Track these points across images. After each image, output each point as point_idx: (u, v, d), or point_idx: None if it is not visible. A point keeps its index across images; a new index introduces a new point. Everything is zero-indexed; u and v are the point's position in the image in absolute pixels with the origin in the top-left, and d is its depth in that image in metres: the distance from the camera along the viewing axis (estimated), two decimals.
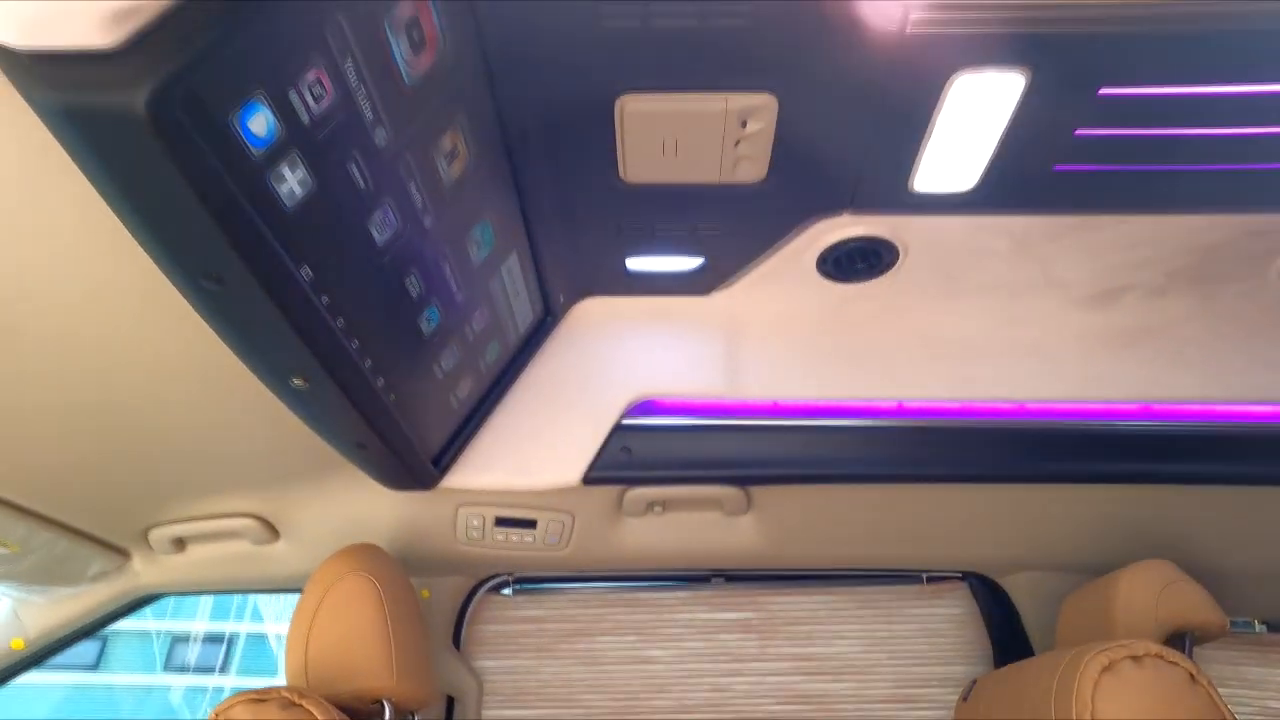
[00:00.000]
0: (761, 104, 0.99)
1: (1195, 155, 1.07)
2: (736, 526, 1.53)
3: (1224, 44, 0.91)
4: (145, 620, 9.18)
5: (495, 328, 1.26)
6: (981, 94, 0.97)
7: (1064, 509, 1.48)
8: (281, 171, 0.71)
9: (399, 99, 0.81)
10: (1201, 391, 1.36)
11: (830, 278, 1.34)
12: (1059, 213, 1.19)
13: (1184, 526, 1.47)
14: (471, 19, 0.86)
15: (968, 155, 1.07)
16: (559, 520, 1.47)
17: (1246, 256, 1.27)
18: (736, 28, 0.88)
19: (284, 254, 0.76)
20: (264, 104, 0.66)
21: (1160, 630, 1.28)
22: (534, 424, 1.38)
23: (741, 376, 1.39)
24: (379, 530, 1.46)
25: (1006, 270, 1.32)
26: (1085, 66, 0.94)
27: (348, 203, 0.82)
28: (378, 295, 0.94)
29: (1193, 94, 0.98)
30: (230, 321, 0.83)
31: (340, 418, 1.03)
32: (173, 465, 1.32)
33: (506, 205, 1.12)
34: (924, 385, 1.38)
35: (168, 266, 0.75)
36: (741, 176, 1.11)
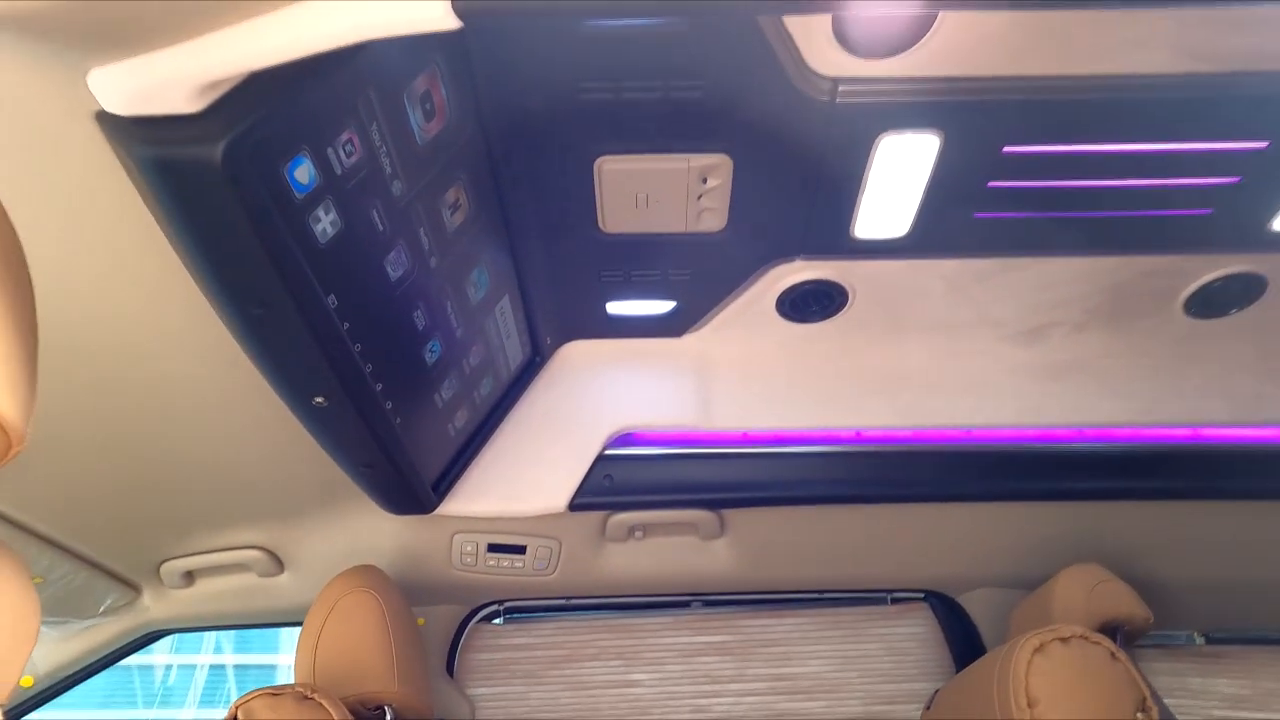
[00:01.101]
0: (718, 163, 1.16)
1: (1093, 204, 1.25)
2: (712, 550, 1.64)
3: (1103, 110, 1.09)
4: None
5: (489, 364, 1.40)
6: (904, 152, 1.15)
7: (1011, 527, 1.61)
8: (318, 213, 0.87)
9: (412, 157, 0.98)
10: (1124, 417, 1.51)
11: (789, 318, 1.49)
12: (984, 256, 1.36)
13: (1119, 540, 1.60)
14: (473, 93, 1.03)
15: (898, 205, 1.24)
16: (547, 546, 1.59)
17: (1151, 294, 1.44)
18: (694, 99, 1.06)
19: (316, 283, 0.91)
20: (308, 157, 0.82)
21: (1091, 624, 1.39)
22: (524, 455, 1.51)
23: (712, 409, 1.53)
24: (379, 559, 1.57)
25: (944, 310, 1.48)
26: (987, 129, 1.12)
27: (369, 242, 0.97)
28: (390, 325, 1.08)
29: (1082, 151, 1.17)
30: (268, 343, 0.97)
31: (353, 437, 1.16)
32: (189, 499, 1.43)
33: (500, 253, 1.28)
34: (877, 415, 1.53)
35: (220, 294, 0.89)
36: (705, 226, 1.28)
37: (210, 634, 9.04)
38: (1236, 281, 1.39)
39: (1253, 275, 1.37)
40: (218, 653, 9.00)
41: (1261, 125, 1.11)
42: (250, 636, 9.21)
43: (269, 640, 9.23)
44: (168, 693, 8.91)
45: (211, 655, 8.97)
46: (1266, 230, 1.26)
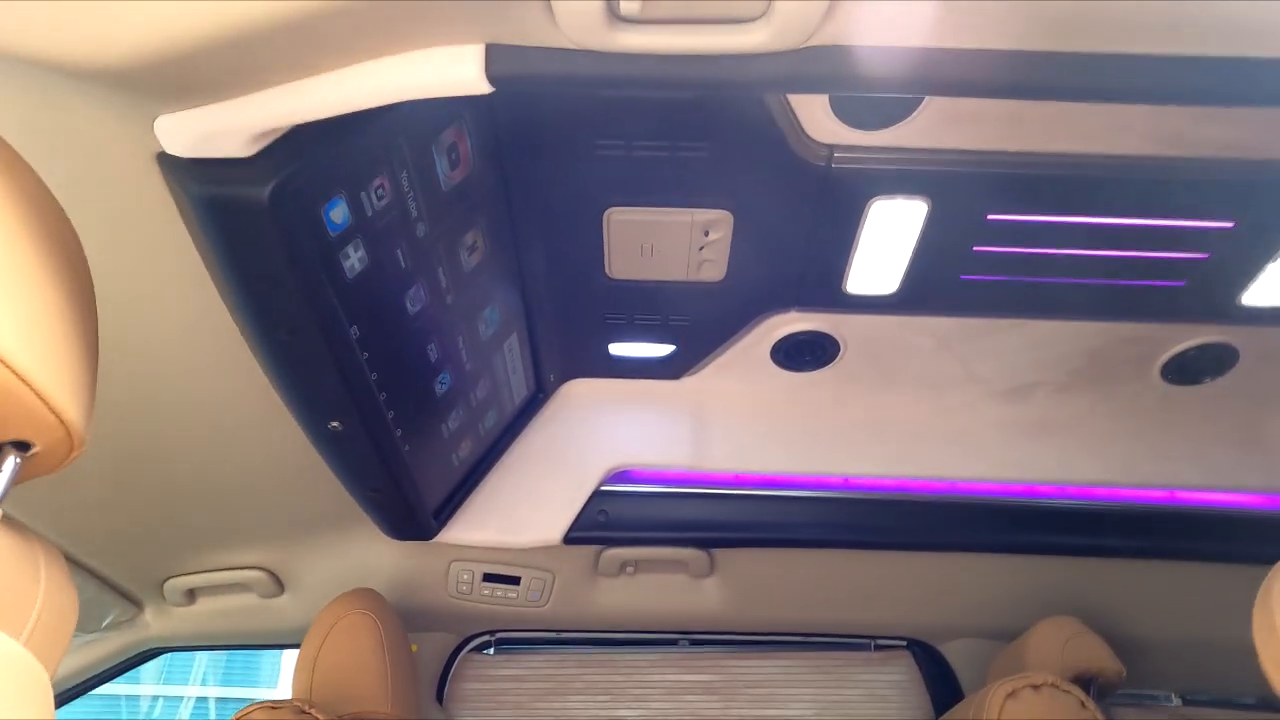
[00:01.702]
0: (720, 218, 1.24)
1: (1073, 271, 1.32)
2: (701, 589, 1.68)
3: (1082, 185, 1.17)
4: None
5: (495, 398, 1.46)
6: (894, 216, 1.23)
7: (992, 579, 1.65)
8: (348, 250, 0.94)
9: (436, 202, 1.05)
10: (1102, 476, 1.56)
11: (783, 367, 1.56)
12: (970, 315, 1.43)
13: (1097, 596, 1.64)
14: (496, 145, 1.12)
15: (888, 264, 1.32)
16: (541, 578, 1.63)
17: (1130, 359, 1.51)
18: (699, 159, 1.14)
19: (341, 314, 0.98)
20: (343, 199, 0.90)
21: (1065, 674, 1.42)
22: (523, 488, 1.56)
23: (707, 450, 1.59)
24: (378, 584, 1.61)
25: (932, 365, 1.55)
26: (972, 197, 1.20)
27: (392, 278, 1.04)
28: (405, 356, 1.15)
29: (1062, 222, 1.24)
30: (292, 367, 1.03)
31: (363, 461, 1.21)
32: (195, 518, 1.48)
33: (512, 293, 1.35)
34: (865, 463, 1.58)
35: (252, 319, 0.96)
36: (705, 276, 1.35)
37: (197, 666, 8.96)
38: (1209, 351, 1.45)
39: (1225, 346, 1.44)
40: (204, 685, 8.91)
41: (1227, 207, 1.19)
42: (235, 670, 9.10)
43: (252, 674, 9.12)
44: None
45: (198, 687, 8.87)
46: (1235, 304, 1.33)
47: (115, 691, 8.74)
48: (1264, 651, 0.71)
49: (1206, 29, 0.70)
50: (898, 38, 0.71)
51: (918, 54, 0.73)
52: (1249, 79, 0.73)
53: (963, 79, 0.75)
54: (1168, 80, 0.74)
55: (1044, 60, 0.73)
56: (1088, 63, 0.73)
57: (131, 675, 8.70)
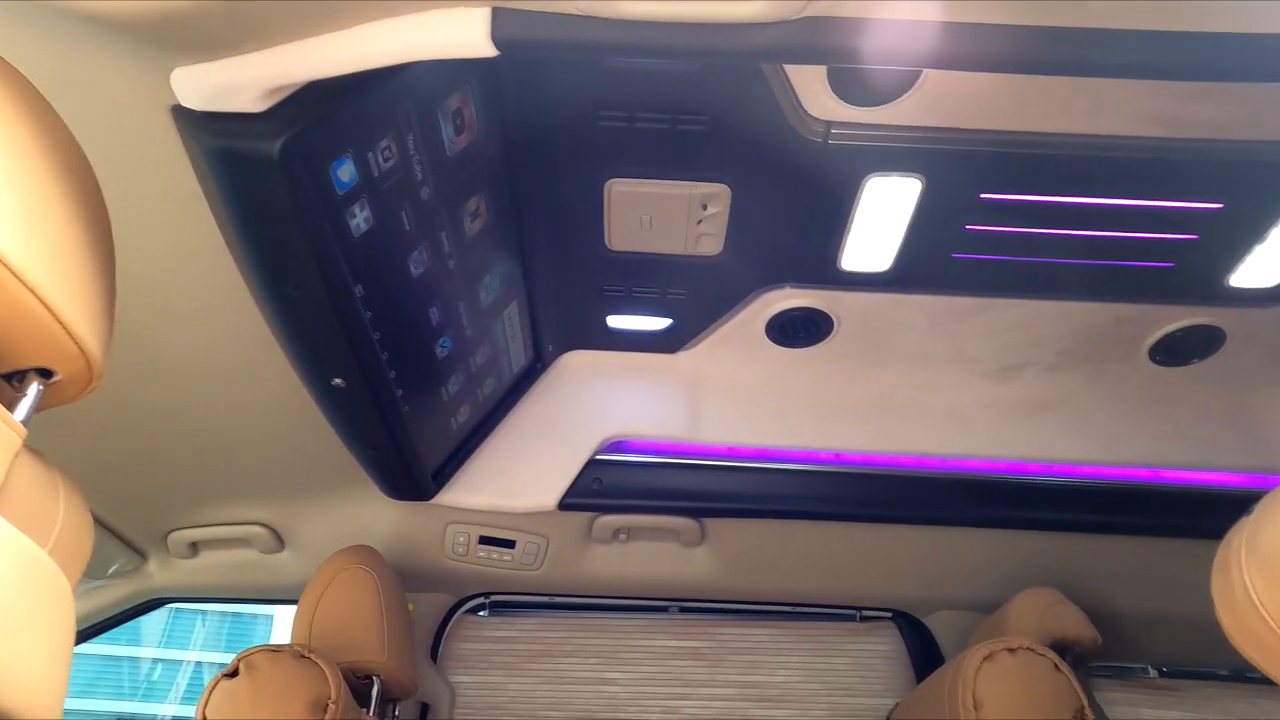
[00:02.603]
0: (718, 192, 1.27)
1: (1064, 251, 1.34)
2: (692, 557, 1.72)
3: (1074, 165, 1.19)
4: None
5: (494, 364, 1.49)
6: (889, 193, 1.25)
7: (977, 553, 1.69)
8: (354, 209, 0.97)
9: (441, 166, 1.08)
10: (1088, 455, 1.60)
11: (778, 343, 1.59)
12: (962, 294, 1.46)
13: (1079, 571, 1.68)
14: (501, 113, 1.14)
15: (882, 241, 1.34)
16: (535, 542, 1.67)
17: (1120, 340, 1.54)
18: (699, 132, 1.16)
19: (347, 272, 1.01)
20: (350, 159, 0.92)
21: (1043, 642, 1.46)
22: (519, 454, 1.60)
23: (701, 423, 1.62)
24: (376, 543, 1.65)
25: (924, 343, 1.58)
26: (966, 176, 1.22)
27: (396, 240, 1.07)
28: (407, 318, 1.18)
29: (1054, 202, 1.27)
30: (297, 324, 1.06)
31: (364, 419, 1.25)
32: (201, 470, 1.52)
33: (512, 261, 1.38)
34: (856, 439, 1.62)
35: (259, 274, 0.99)
36: (703, 250, 1.37)
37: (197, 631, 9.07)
38: (1197, 333, 1.48)
39: (1212, 328, 1.47)
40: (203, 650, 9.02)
41: (1217, 188, 1.21)
42: (235, 637, 9.22)
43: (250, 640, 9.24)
44: (151, 687, 8.89)
45: (197, 652, 8.98)
46: (1223, 285, 1.36)
47: (117, 653, 8.85)
48: (1225, 617, 0.74)
49: (1204, 4, 0.72)
50: (892, 10, 0.73)
51: (912, 26, 0.75)
52: (1247, 55, 0.75)
53: (957, 52, 0.77)
54: (1165, 55, 0.76)
55: (1039, 34, 0.75)
56: (1083, 37, 0.75)
57: (133, 637, 8.79)
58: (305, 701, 1.19)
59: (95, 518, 1.54)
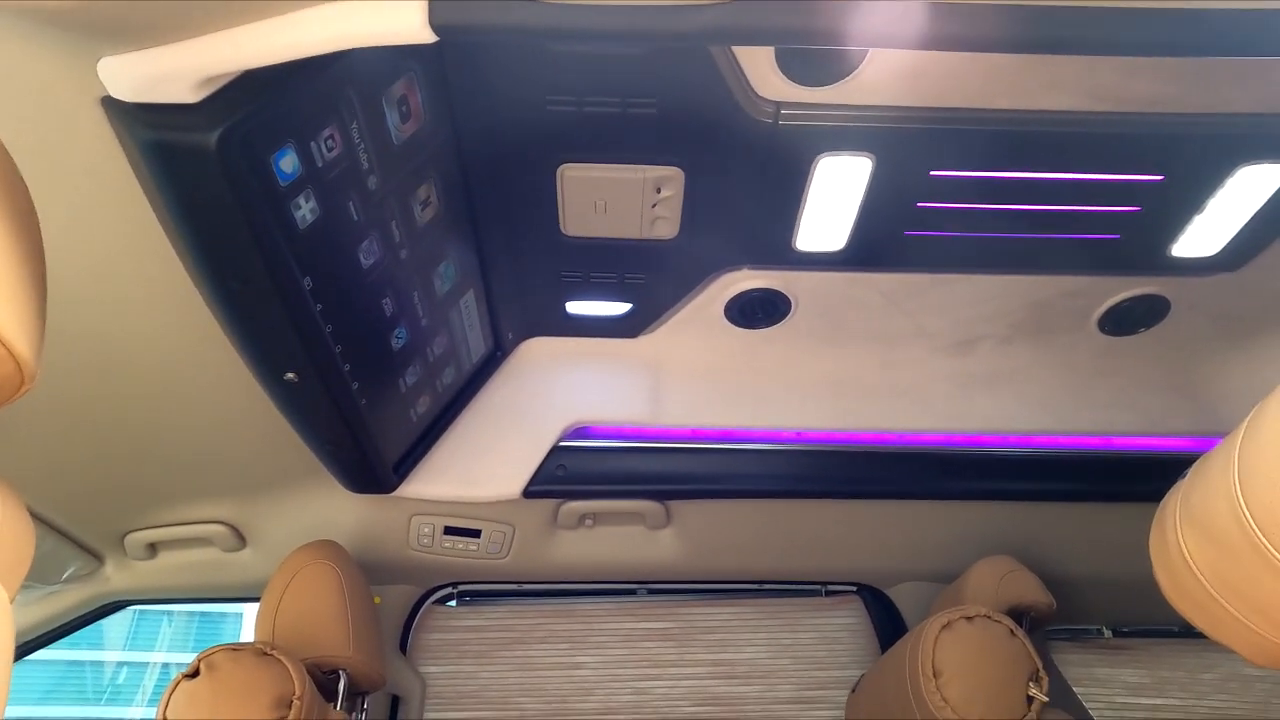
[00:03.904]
0: (671, 175, 1.26)
1: (1013, 225, 1.37)
2: (658, 540, 1.74)
3: (1019, 141, 1.21)
4: None
5: (452, 354, 1.48)
6: (840, 172, 1.26)
7: (937, 524, 1.72)
8: (299, 200, 0.95)
9: (388, 155, 1.06)
10: (1042, 425, 1.63)
11: (737, 324, 1.60)
12: (916, 271, 1.48)
13: (1036, 538, 1.72)
14: (447, 100, 1.12)
15: (836, 220, 1.35)
16: (501, 530, 1.67)
17: (1069, 312, 1.57)
18: (649, 115, 1.16)
19: (294, 265, 0.99)
20: (292, 149, 0.91)
21: (1000, 608, 1.50)
22: (482, 443, 1.59)
23: (663, 406, 1.63)
24: (339, 537, 1.63)
25: (881, 321, 1.60)
26: (915, 153, 1.23)
27: (344, 231, 1.05)
28: (360, 310, 1.16)
29: (1001, 178, 1.29)
30: (245, 319, 1.05)
31: (320, 414, 1.23)
32: (156, 469, 1.49)
33: (467, 249, 1.37)
34: (817, 417, 1.64)
35: (204, 269, 0.97)
36: (659, 233, 1.37)
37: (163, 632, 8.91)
38: (1143, 303, 1.52)
39: (1157, 297, 1.51)
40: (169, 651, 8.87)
41: (1157, 161, 1.24)
42: (203, 637, 9.08)
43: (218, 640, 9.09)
44: (116, 691, 8.74)
45: (163, 654, 8.84)
46: (1166, 256, 1.39)
47: (79, 657, 8.69)
48: (1162, 577, 0.77)
49: None
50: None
51: (850, 5, 0.75)
52: (1189, 30, 0.77)
53: (898, 31, 0.78)
54: (1106, 30, 0.77)
55: (982, 11, 0.76)
56: (1025, 14, 0.76)
57: (96, 640, 8.62)
58: (269, 699, 1.18)
59: (47, 522, 1.52)
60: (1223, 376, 1.64)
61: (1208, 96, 1.13)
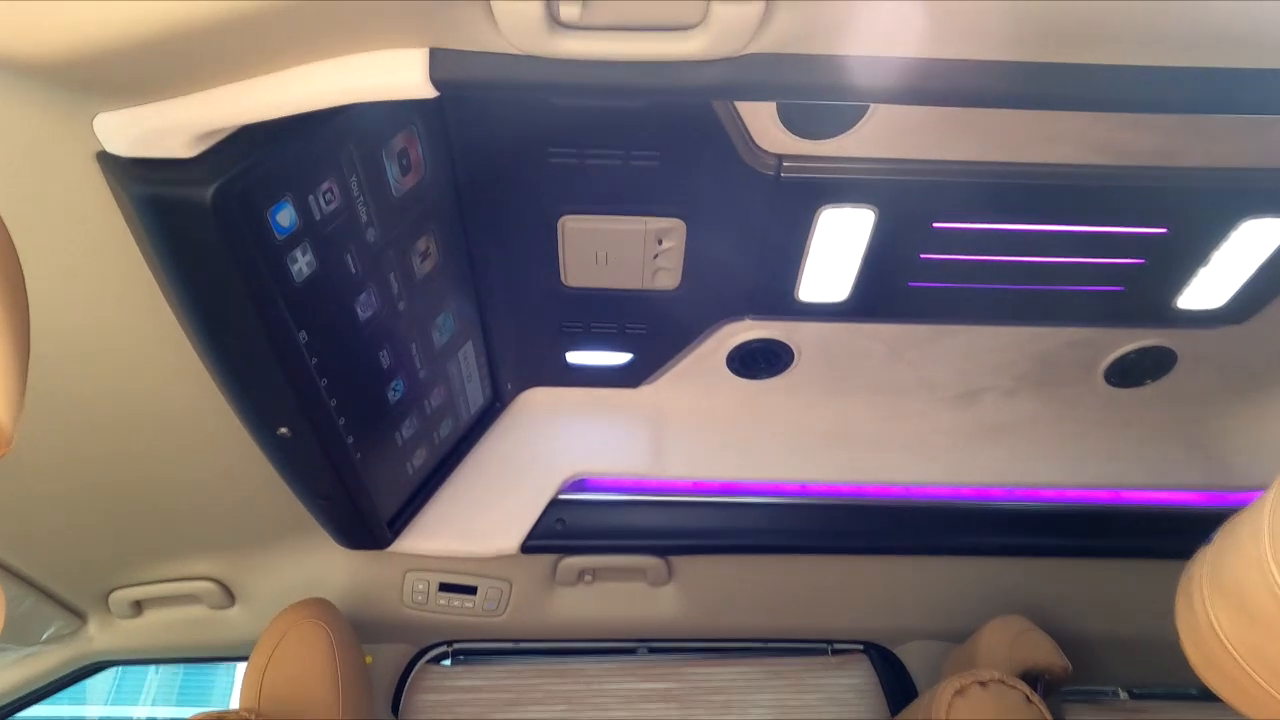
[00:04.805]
0: (674, 226, 1.26)
1: (1017, 277, 1.36)
2: (659, 597, 1.69)
3: (1022, 193, 1.21)
4: None
5: (450, 406, 1.45)
6: (843, 224, 1.25)
7: (945, 581, 1.68)
8: (295, 254, 0.94)
9: (387, 208, 1.05)
10: (1048, 478, 1.60)
11: (739, 375, 1.58)
12: (919, 322, 1.46)
13: (1045, 595, 1.68)
14: (448, 152, 1.12)
15: (838, 272, 1.34)
16: (498, 587, 1.62)
17: (1074, 363, 1.55)
18: (651, 167, 1.15)
19: (290, 319, 0.97)
20: (290, 203, 0.89)
21: (1014, 671, 1.46)
22: (479, 497, 1.56)
23: (665, 458, 1.60)
24: (330, 594, 1.58)
25: (884, 372, 1.58)
26: (918, 205, 1.23)
27: (341, 284, 1.03)
28: (356, 363, 1.14)
29: (1005, 229, 1.28)
30: (238, 373, 1.02)
31: (313, 468, 1.20)
32: (142, 525, 1.45)
33: (466, 300, 1.35)
34: (821, 469, 1.60)
35: (197, 324, 0.95)
36: (660, 284, 1.36)
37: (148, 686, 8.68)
38: (1149, 354, 1.50)
39: (1164, 349, 1.49)
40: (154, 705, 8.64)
41: (1159, 214, 1.23)
42: (189, 691, 8.84)
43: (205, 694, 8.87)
44: None
45: (148, 708, 8.61)
46: (1171, 308, 1.38)
47: (60, 713, 8.45)
48: (1191, 651, 0.73)
49: (1139, 37, 0.73)
50: (836, 46, 0.73)
51: (856, 63, 0.75)
52: (1193, 89, 0.76)
53: (901, 87, 0.77)
54: (1107, 88, 0.77)
55: (986, 69, 0.76)
56: (1029, 72, 0.76)
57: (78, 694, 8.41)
58: None
59: (26, 579, 1.48)
60: (1232, 429, 1.62)
61: (1210, 150, 1.12)
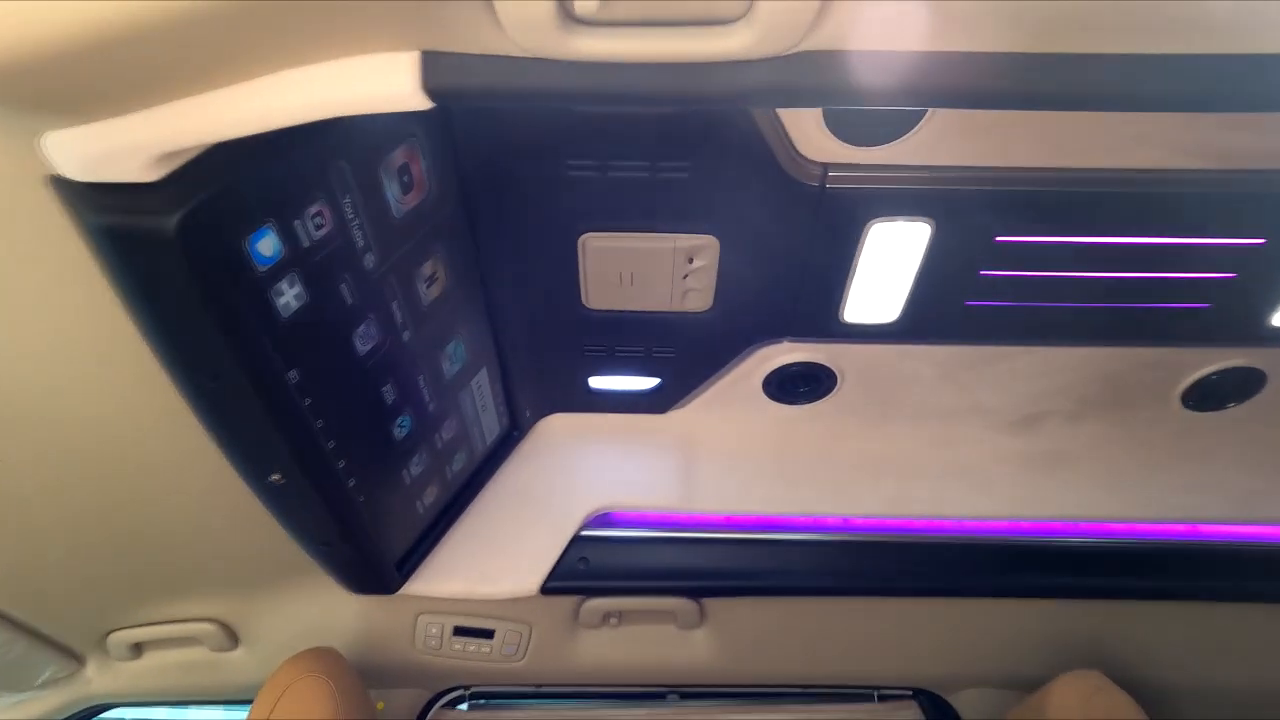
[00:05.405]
0: (705, 244, 1.14)
1: (1088, 294, 1.22)
2: (690, 640, 1.57)
3: (1098, 203, 1.08)
4: None
5: (463, 438, 1.34)
6: (895, 239, 1.12)
7: (1004, 625, 1.54)
8: (281, 287, 0.83)
9: (388, 230, 0.94)
10: (1119, 511, 1.46)
11: (776, 399, 1.45)
12: (975, 343, 1.33)
13: (1118, 642, 1.53)
14: (455, 166, 1.01)
15: (889, 290, 1.21)
16: (517, 630, 1.51)
17: (1148, 385, 1.41)
18: (680, 179, 1.03)
19: (276, 357, 0.86)
20: (272, 230, 0.79)
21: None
22: (496, 534, 1.44)
23: (696, 490, 1.47)
24: (338, 638, 1.49)
25: (935, 396, 1.44)
26: (979, 218, 1.10)
27: (336, 316, 0.93)
28: (356, 400, 1.03)
29: (1077, 243, 1.15)
30: (222, 417, 0.92)
31: (311, 515, 1.10)
32: (141, 566, 1.36)
33: (479, 325, 1.24)
34: (865, 502, 1.47)
35: (172, 364, 0.84)
36: (690, 306, 1.24)
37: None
38: (1235, 375, 1.36)
39: (1251, 370, 1.34)
40: None
41: (1259, 222, 1.09)
42: None
43: None
44: None
45: None
46: (1265, 325, 1.24)
47: None
48: None
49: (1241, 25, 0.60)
50: (902, 40, 0.61)
51: (926, 59, 0.62)
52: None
53: (979, 88, 0.64)
54: (1206, 83, 0.64)
55: (1065, 63, 0.63)
56: (1116, 65, 0.63)
57: None
58: None
59: (20, 623, 1.39)
60: None
61: None
